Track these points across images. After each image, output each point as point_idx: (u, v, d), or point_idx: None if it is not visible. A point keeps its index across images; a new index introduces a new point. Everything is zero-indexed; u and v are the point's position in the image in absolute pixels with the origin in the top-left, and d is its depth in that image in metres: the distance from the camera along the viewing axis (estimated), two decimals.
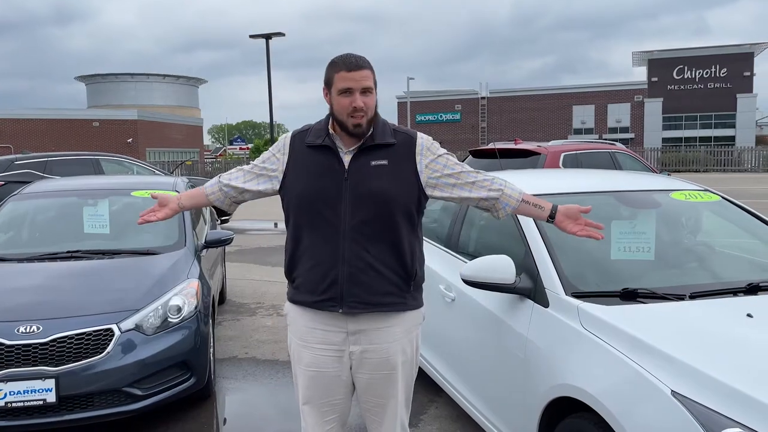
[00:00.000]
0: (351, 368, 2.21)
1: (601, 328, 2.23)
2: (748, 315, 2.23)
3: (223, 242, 4.80)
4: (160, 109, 52.05)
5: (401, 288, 2.16)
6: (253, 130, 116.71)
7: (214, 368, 4.15)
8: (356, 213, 2.09)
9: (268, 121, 23.07)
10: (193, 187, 5.97)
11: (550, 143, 8.10)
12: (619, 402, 1.98)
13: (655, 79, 45.60)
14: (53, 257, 4.07)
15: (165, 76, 62.55)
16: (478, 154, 7.91)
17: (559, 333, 2.39)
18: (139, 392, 3.36)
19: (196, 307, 3.74)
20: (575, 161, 7.40)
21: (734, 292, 2.49)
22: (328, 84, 2.12)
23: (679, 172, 30.17)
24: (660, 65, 45.52)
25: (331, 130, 2.15)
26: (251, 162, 2.33)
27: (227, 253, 7.55)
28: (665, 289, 2.48)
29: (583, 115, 47.09)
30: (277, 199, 2.28)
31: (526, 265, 2.73)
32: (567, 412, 2.27)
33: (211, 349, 4.06)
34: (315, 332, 2.20)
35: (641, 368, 1.99)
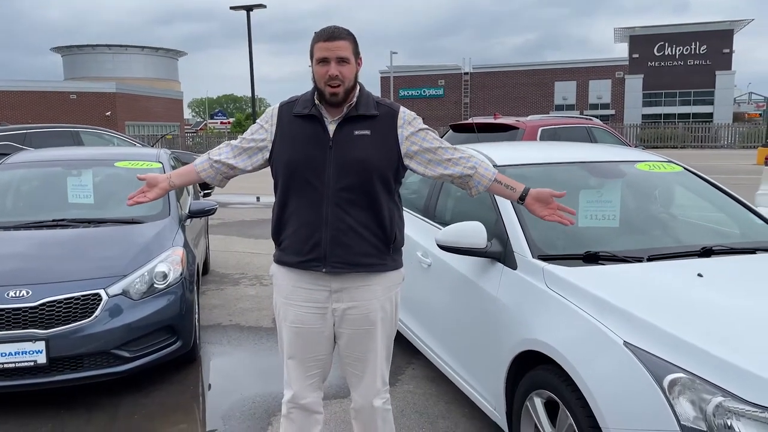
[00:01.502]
0: (334, 325, 2.36)
1: (564, 287, 2.39)
2: (699, 275, 2.41)
3: (206, 212, 4.90)
4: (139, 82, 51.24)
5: (381, 250, 2.29)
6: (234, 103, 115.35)
7: (199, 334, 4.28)
8: (339, 179, 2.21)
9: (249, 94, 22.89)
10: (176, 159, 6.05)
11: (529, 118, 8.24)
12: (577, 352, 2.15)
13: (636, 55, 45.89)
14: (39, 225, 4.15)
15: (143, 47, 61.38)
16: (458, 128, 8.04)
17: (525, 292, 2.56)
18: (126, 354, 3.49)
19: (181, 274, 3.85)
20: (553, 135, 7.55)
21: (689, 255, 2.67)
22: (311, 55, 2.24)
23: (657, 148, 30.60)
24: (641, 42, 45.78)
25: (316, 101, 2.25)
26: (239, 136, 2.42)
27: (210, 226, 7.63)
28: (625, 252, 2.65)
29: (564, 91, 47.34)
30: (261, 173, 2.37)
31: (497, 231, 2.88)
32: (531, 366, 2.45)
33: (196, 316, 4.19)
34: (300, 291, 2.33)
35: (598, 322, 2.16)
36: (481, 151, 3.44)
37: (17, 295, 3.33)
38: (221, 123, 65.46)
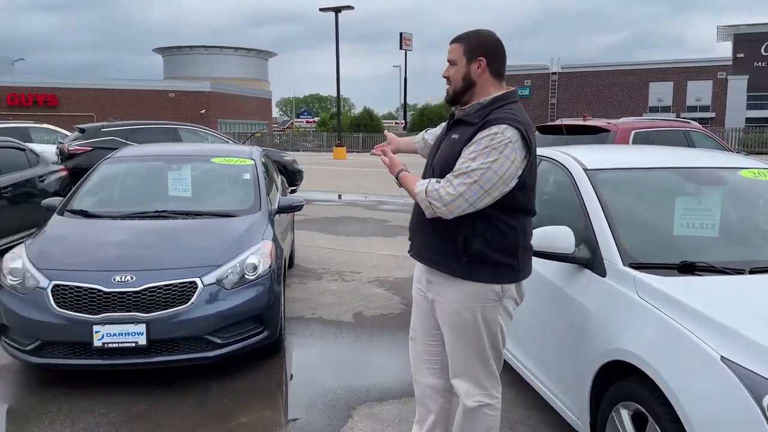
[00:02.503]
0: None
1: (657, 297, 2.31)
2: None
3: (294, 208, 5.09)
4: (231, 81, 53.44)
5: (449, 254, 2.31)
6: (319, 103, 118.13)
7: (284, 325, 4.44)
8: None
9: (333, 94, 23.39)
10: (267, 156, 6.31)
11: (621, 120, 7.92)
12: (669, 365, 2.07)
13: (740, 55, 43.04)
14: (143, 216, 4.45)
15: (237, 48, 64.08)
16: (545, 130, 7.85)
17: (614, 301, 2.49)
18: (218, 341, 3.68)
19: (270, 267, 4.01)
20: (646, 139, 7.21)
21: None
22: None
23: (762, 153, 28.52)
24: (746, 41, 42.88)
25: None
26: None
27: (294, 222, 7.87)
28: (725, 263, 2.52)
29: (660, 92, 45.06)
30: (338, 172, 2.48)
31: (585, 236, 2.81)
32: (617, 377, 2.38)
33: (282, 307, 4.35)
34: (416, 270, 2.59)
35: (693, 335, 2.07)
36: (570, 154, 3.36)
37: (122, 279, 3.59)
38: (306, 122, 67.16)
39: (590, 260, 2.72)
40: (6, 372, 3.92)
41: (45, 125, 17.62)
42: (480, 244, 2.26)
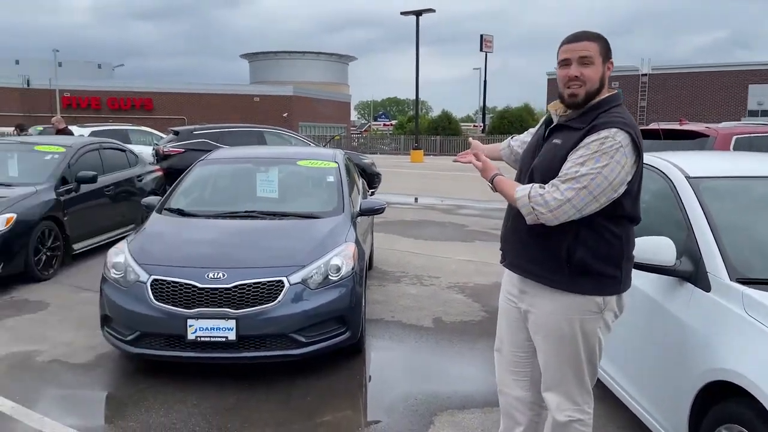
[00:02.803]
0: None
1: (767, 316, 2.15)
2: None
3: (375, 211, 5.13)
4: (313, 86, 54.75)
5: (549, 264, 2.22)
6: (396, 106, 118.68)
7: (365, 327, 4.47)
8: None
9: (412, 97, 23.42)
10: (348, 159, 6.41)
11: (721, 125, 7.45)
12: None
13: None
14: (233, 215, 4.63)
15: (318, 53, 65.67)
16: None
17: (720, 318, 2.34)
18: (303, 339, 3.75)
19: (352, 269, 4.06)
20: (749, 145, 6.73)
21: None
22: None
23: None
24: None
25: (551, 109, 2.32)
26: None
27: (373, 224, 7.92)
28: None
29: (760, 95, 42.12)
30: (415, 174, 2.45)
31: (687, 248, 2.66)
32: (719, 397, 2.23)
33: (363, 309, 4.38)
34: (506, 278, 2.54)
35: None
36: (670, 160, 3.19)
37: (215, 276, 3.73)
38: (384, 125, 67.66)
39: (693, 274, 2.57)
40: (107, 360, 4.17)
41: (142, 128, 18.75)
42: (584, 253, 2.18)
